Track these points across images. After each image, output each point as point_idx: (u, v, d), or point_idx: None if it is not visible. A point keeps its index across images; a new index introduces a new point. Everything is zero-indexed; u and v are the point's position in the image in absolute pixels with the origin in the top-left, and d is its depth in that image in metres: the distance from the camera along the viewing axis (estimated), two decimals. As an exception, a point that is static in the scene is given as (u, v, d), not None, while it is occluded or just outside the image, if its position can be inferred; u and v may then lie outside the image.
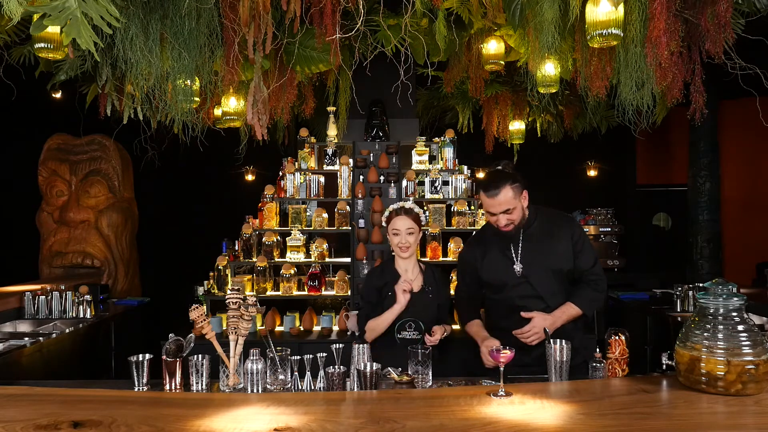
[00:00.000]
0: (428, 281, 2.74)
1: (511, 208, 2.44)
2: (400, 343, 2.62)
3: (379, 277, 2.75)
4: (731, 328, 1.79)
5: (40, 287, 4.46)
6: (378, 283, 2.73)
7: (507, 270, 2.55)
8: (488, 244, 2.62)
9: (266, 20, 2.70)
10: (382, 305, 2.67)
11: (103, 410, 1.75)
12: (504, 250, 2.57)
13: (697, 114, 2.99)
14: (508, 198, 2.43)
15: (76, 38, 1.85)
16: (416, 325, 2.65)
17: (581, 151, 8.07)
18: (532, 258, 2.53)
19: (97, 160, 5.81)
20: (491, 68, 3.70)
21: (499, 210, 2.44)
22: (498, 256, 2.58)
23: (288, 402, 1.85)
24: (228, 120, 3.82)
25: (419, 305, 2.67)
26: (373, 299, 2.71)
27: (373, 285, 2.74)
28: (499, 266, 2.57)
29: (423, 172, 4.66)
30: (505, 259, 2.56)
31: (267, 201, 4.48)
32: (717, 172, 6.97)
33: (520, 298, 2.53)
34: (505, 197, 2.42)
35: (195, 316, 2.20)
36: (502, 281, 2.56)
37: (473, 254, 2.67)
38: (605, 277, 2.62)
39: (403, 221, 2.67)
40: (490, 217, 2.51)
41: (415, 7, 2.56)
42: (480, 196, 2.51)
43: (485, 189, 2.46)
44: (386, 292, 2.68)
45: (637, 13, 2.59)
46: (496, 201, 2.43)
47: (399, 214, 2.69)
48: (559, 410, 1.72)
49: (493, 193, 2.43)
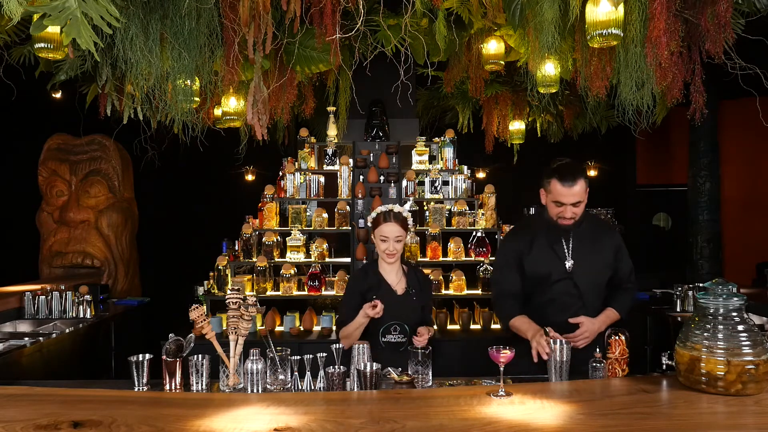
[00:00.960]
0: (412, 284, 2.67)
1: (581, 201, 2.45)
2: (385, 346, 2.57)
3: (363, 282, 2.66)
4: (731, 328, 1.79)
5: (40, 287, 4.46)
6: (361, 287, 2.64)
7: (554, 264, 2.53)
8: (536, 236, 2.59)
9: (266, 20, 2.70)
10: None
11: (103, 410, 1.75)
12: (553, 244, 2.55)
13: (697, 114, 2.99)
14: (581, 191, 2.43)
15: (76, 38, 1.85)
16: (401, 328, 2.59)
17: (581, 151, 8.05)
18: (581, 256, 2.54)
19: (97, 160, 5.80)
20: (491, 68, 3.70)
21: (571, 201, 2.43)
22: (546, 249, 2.55)
23: (288, 402, 1.85)
24: (228, 120, 3.82)
25: (404, 308, 2.62)
26: (355, 304, 2.59)
27: (356, 290, 2.65)
28: (547, 259, 2.54)
29: (423, 172, 4.66)
30: (554, 253, 2.54)
31: (267, 201, 4.48)
32: (717, 172, 6.98)
33: (560, 294, 2.53)
34: (579, 189, 2.42)
35: (195, 316, 2.20)
36: (547, 275, 2.53)
37: (521, 244, 2.60)
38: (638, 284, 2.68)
39: (392, 228, 2.57)
40: (557, 207, 2.47)
41: (415, 7, 2.56)
42: (551, 183, 2.45)
43: (562, 178, 2.42)
44: (370, 297, 2.58)
45: (637, 13, 2.60)
46: (572, 191, 2.41)
47: (388, 220, 2.58)
48: (559, 410, 1.72)
49: (570, 183, 2.41)
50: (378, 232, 2.60)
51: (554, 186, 2.45)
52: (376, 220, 2.63)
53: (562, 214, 2.47)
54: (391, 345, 2.57)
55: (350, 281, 2.77)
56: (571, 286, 2.53)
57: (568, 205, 2.44)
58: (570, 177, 2.41)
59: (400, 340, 2.59)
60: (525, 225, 2.77)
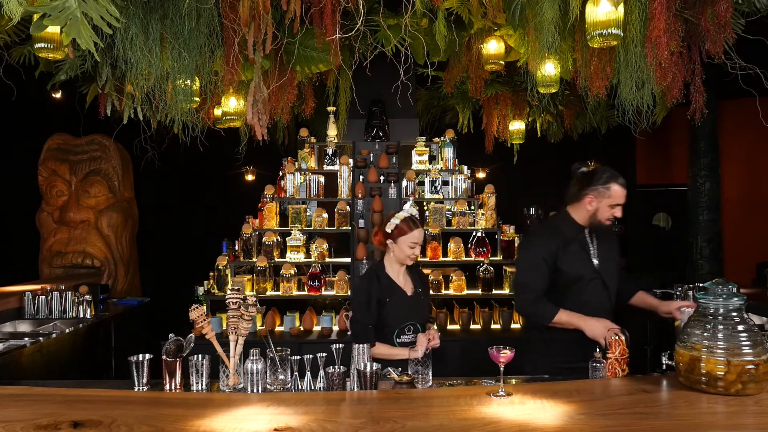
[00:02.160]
0: (416, 282, 2.75)
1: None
2: (399, 347, 2.60)
3: (377, 286, 2.66)
4: (731, 328, 1.79)
5: (40, 287, 4.46)
6: (378, 292, 2.64)
7: (585, 263, 2.64)
8: (566, 238, 2.67)
9: (266, 20, 2.70)
10: (381, 314, 2.61)
11: (103, 410, 1.75)
12: (582, 243, 2.67)
13: (697, 114, 3.00)
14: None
15: (76, 38, 1.85)
16: (414, 327, 2.65)
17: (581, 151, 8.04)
18: (604, 254, 2.67)
19: (97, 160, 5.81)
20: (491, 68, 3.70)
21: (623, 201, 2.59)
22: (578, 249, 2.65)
23: (288, 402, 1.85)
24: (228, 120, 3.82)
25: (415, 308, 2.68)
26: (372, 308, 2.61)
27: (372, 293, 2.64)
28: (578, 259, 2.64)
29: (423, 172, 4.66)
30: (584, 252, 2.65)
31: (267, 201, 4.48)
32: (717, 172, 6.97)
33: (593, 294, 2.62)
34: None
35: (195, 316, 2.20)
36: (579, 275, 2.62)
37: (552, 247, 2.64)
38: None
39: (420, 233, 2.65)
40: (612, 209, 2.60)
41: (415, 7, 2.56)
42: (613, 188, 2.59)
43: (621, 182, 2.61)
44: (384, 300, 2.62)
45: (637, 13, 2.60)
46: (624, 193, 2.60)
47: (416, 226, 2.63)
48: (559, 410, 1.72)
49: (625, 184, 2.61)
50: (407, 239, 2.63)
51: (616, 190, 2.59)
52: (400, 229, 2.63)
53: (613, 214, 2.61)
54: (405, 345, 2.59)
55: (363, 284, 2.73)
56: (599, 284, 2.63)
57: (617, 206, 2.60)
58: (623, 178, 2.62)
59: (413, 339, 2.62)
60: (553, 228, 2.78)
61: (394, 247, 2.67)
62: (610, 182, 2.59)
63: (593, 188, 2.61)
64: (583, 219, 2.65)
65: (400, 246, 2.65)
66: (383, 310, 2.62)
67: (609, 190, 2.58)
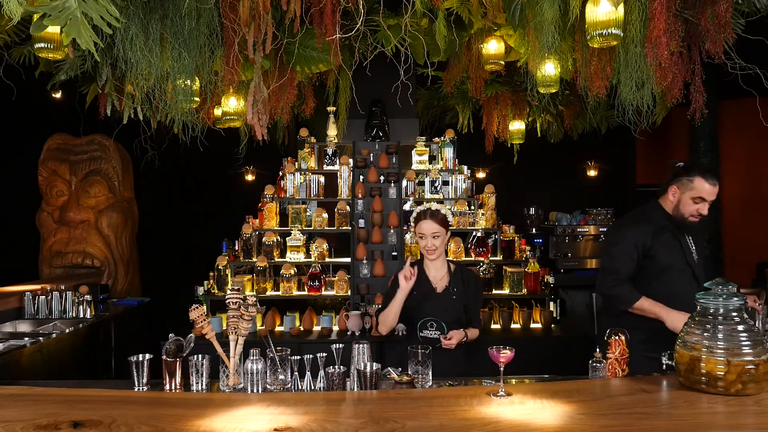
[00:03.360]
0: (455, 282, 2.74)
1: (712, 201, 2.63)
2: (422, 341, 2.63)
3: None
4: (731, 328, 1.79)
5: (40, 287, 4.46)
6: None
7: (677, 253, 2.68)
8: (659, 225, 2.72)
9: (266, 20, 2.70)
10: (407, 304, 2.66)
11: (103, 410, 1.75)
12: (678, 237, 2.71)
13: (697, 114, 3.00)
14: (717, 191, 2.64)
15: (76, 38, 1.85)
16: (437, 324, 2.66)
17: (581, 151, 8.06)
18: (699, 250, 2.74)
19: (97, 160, 5.80)
20: (491, 68, 3.70)
21: (712, 198, 2.62)
22: (671, 238, 2.70)
23: (288, 402, 1.85)
24: (228, 120, 3.81)
25: (441, 305, 2.69)
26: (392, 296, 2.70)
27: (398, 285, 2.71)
28: (670, 248, 2.68)
29: (423, 172, 4.66)
30: (679, 245, 2.69)
31: (267, 201, 4.48)
32: (717, 172, 6.96)
33: (682, 286, 2.63)
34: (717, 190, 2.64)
35: (195, 316, 2.20)
36: (670, 263, 2.67)
37: (644, 235, 2.70)
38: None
39: (429, 225, 2.67)
40: (696, 203, 2.63)
41: (415, 7, 2.56)
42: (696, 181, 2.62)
43: (708, 177, 2.62)
44: (411, 292, 2.66)
45: (637, 13, 2.59)
46: (714, 190, 2.62)
47: (425, 218, 2.68)
48: (559, 410, 1.72)
49: (715, 182, 2.62)
50: (417, 230, 2.73)
51: (700, 183, 2.62)
52: (416, 219, 2.74)
53: (699, 210, 2.64)
54: (428, 340, 2.62)
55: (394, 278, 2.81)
56: (690, 276, 2.66)
57: (707, 202, 2.62)
58: (715, 177, 2.63)
59: (435, 336, 2.65)
60: (643, 216, 2.83)
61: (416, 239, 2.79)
62: (695, 175, 2.63)
63: (678, 179, 2.67)
64: (670, 211, 2.71)
65: (417, 237, 2.77)
66: (409, 300, 2.67)
67: (692, 182, 2.63)
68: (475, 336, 2.72)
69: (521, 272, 4.38)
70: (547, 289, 4.42)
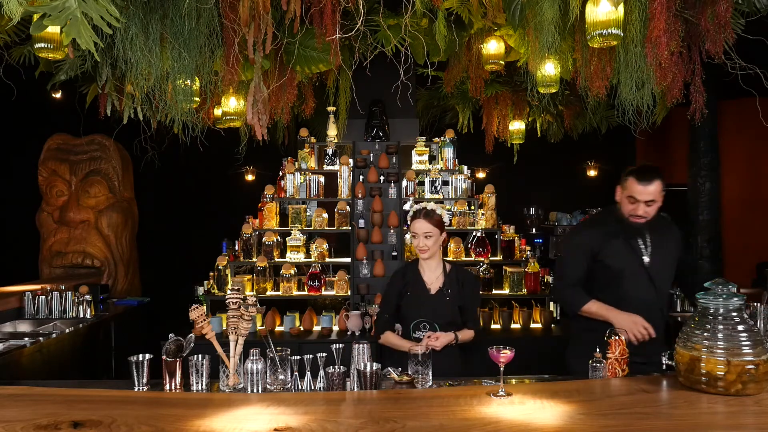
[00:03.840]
0: (449, 283, 2.72)
1: (654, 201, 2.57)
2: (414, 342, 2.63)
3: (402, 278, 2.77)
4: (731, 328, 1.79)
5: (40, 287, 4.46)
6: (399, 284, 2.76)
7: (630, 259, 2.63)
8: (611, 231, 2.69)
9: (266, 20, 2.70)
10: (400, 304, 2.71)
11: (103, 410, 1.75)
12: (628, 239, 2.65)
13: (697, 114, 2.99)
14: (656, 190, 2.56)
15: (76, 38, 1.85)
16: (430, 326, 2.65)
17: (581, 151, 8.07)
18: (657, 252, 2.64)
19: (97, 160, 5.80)
20: (491, 68, 3.70)
21: (645, 199, 2.55)
22: (623, 244, 2.65)
23: (288, 402, 1.85)
24: (228, 120, 3.81)
25: (434, 307, 2.67)
26: (392, 301, 2.74)
27: (395, 288, 2.76)
28: (623, 253, 2.64)
29: (423, 172, 4.66)
30: (630, 248, 2.64)
31: (267, 201, 4.48)
32: (717, 172, 6.97)
33: (633, 287, 2.61)
34: (656, 188, 2.55)
35: (195, 316, 2.20)
36: (621, 268, 2.63)
37: (593, 239, 2.71)
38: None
39: (421, 225, 2.66)
40: (630, 204, 2.59)
41: (415, 7, 2.56)
42: (629, 181, 2.59)
43: (639, 177, 2.57)
44: (405, 292, 2.71)
45: (637, 13, 2.59)
46: (647, 190, 2.55)
47: (418, 217, 2.68)
48: (559, 410, 1.72)
49: (646, 183, 2.55)
50: (411, 229, 2.73)
51: (632, 184, 2.58)
52: (411, 218, 2.75)
53: (635, 212, 2.59)
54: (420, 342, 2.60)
55: (391, 279, 2.86)
56: (646, 280, 2.61)
57: (641, 202, 2.55)
58: (647, 176, 2.56)
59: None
60: (597, 221, 2.87)
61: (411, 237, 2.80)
62: (629, 174, 2.60)
63: (622, 179, 2.64)
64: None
65: (411, 237, 2.77)
66: (402, 300, 2.71)
67: (627, 181, 2.60)
68: (469, 337, 2.69)
69: (521, 272, 4.38)
70: (547, 289, 4.42)
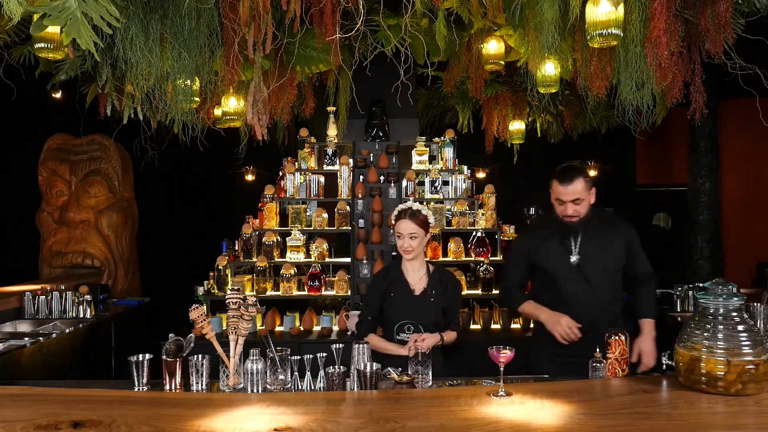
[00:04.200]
0: (432, 284, 2.69)
1: (581, 199, 2.59)
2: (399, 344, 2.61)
3: (383, 280, 2.71)
4: (731, 328, 1.79)
5: (40, 287, 4.46)
6: (382, 285, 2.70)
7: (562, 259, 2.66)
8: (546, 233, 2.74)
9: (266, 20, 2.70)
10: (383, 306, 2.66)
11: (103, 410, 1.75)
12: (562, 240, 2.68)
13: (697, 114, 2.99)
14: (579, 189, 2.58)
15: (76, 38, 1.85)
16: (415, 327, 2.62)
17: (581, 151, 8.03)
18: (589, 251, 2.66)
19: (97, 160, 5.81)
20: (491, 68, 3.70)
21: (569, 198, 2.59)
22: (555, 245, 2.69)
23: (288, 402, 1.85)
24: (228, 120, 3.81)
25: (419, 308, 2.64)
26: (375, 305, 2.68)
27: (377, 288, 2.71)
28: (556, 254, 2.67)
29: (423, 172, 4.66)
30: (563, 248, 2.67)
31: (267, 201, 4.47)
32: (717, 172, 6.97)
33: (569, 287, 2.63)
34: (576, 188, 2.58)
35: (195, 316, 2.20)
36: (554, 269, 2.66)
37: (528, 241, 2.81)
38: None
39: (406, 225, 2.62)
40: (559, 205, 2.64)
41: (415, 7, 2.56)
42: (552, 183, 2.64)
43: (560, 178, 2.61)
44: (388, 293, 2.65)
45: (637, 13, 2.59)
46: (568, 190, 2.58)
47: (403, 218, 2.63)
48: (559, 410, 1.72)
49: (566, 183, 2.59)
50: (395, 229, 2.69)
51: (555, 186, 2.63)
52: (396, 218, 2.70)
53: (564, 212, 2.62)
54: (404, 343, 2.58)
55: (372, 280, 2.85)
56: (581, 280, 2.62)
57: (568, 202, 2.59)
58: (567, 176, 2.59)
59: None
60: (537, 223, 2.98)
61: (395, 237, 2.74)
62: (552, 178, 2.65)
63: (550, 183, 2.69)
64: None
65: (395, 237, 2.71)
66: (386, 302, 2.66)
67: (551, 184, 2.65)
68: (452, 339, 2.68)
69: (521, 272, 4.37)
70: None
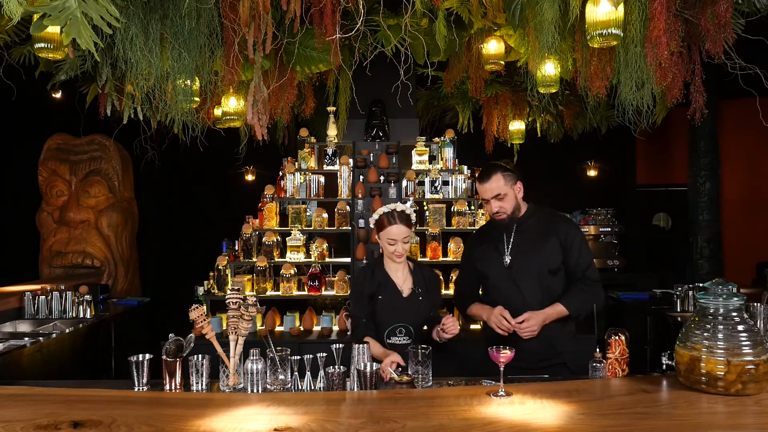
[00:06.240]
0: (418, 282, 2.65)
1: (502, 194, 2.58)
2: (390, 348, 2.55)
3: (369, 282, 2.64)
4: (731, 328, 1.79)
5: (40, 287, 4.46)
6: (369, 288, 2.63)
7: (494, 260, 2.67)
8: (484, 237, 2.77)
9: (266, 20, 2.70)
10: (374, 309, 2.61)
11: (103, 410, 1.75)
12: (495, 241, 2.68)
13: (697, 114, 2.99)
14: (498, 185, 2.57)
15: (76, 38, 1.85)
16: (406, 330, 2.60)
17: (581, 151, 8.06)
18: (519, 251, 2.63)
19: (97, 160, 5.81)
20: (491, 68, 3.70)
21: (490, 195, 2.58)
22: (489, 247, 2.71)
23: (288, 402, 1.85)
24: (228, 120, 3.81)
25: (410, 310, 2.61)
26: (366, 303, 2.61)
27: (363, 291, 2.63)
28: (488, 256, 2.70)
29: (423, 172, 4.66)
30: (495, 250, 2.68)
31: (267, 201, 4.47)
32: (717, 172, 6.97)
33: (501, 289, 2.63)
34: (494, 183, 2.57)
35: (195, 316, 2.20)
36: (487, 271, 2.69)
37: (471, 245, 2.84)
38: (600, 281, 2.64)
39: (399, 229, 2.53)
40: (485, 205, 2.65)
41: (415, 7, 2.56)
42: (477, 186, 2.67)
43: (479, 178, 2.64)
44: (377, 296, 2.60)
45: (637, 13, 2.59)
46: (487, 187, 2.59)
47: (393, 222, 2.53)
48: (559, 410, 1.72)
49: (485, 180, 2.60)
50: (385, 235, 2.56)
51: (478, 186, 2.66)
52: (380, 222, 2.57)
53: (490, 210, 2.63)
54: (397, 347, 2.54)
55: (354, 283, 2.74)
56: (510, 281, 2.61)
57: (491, 200, 2.59)
58: (484, 174, 2.61)
59: (405, 341, 2.59)
60: (482, 227, 3.01)
61: (380, 242, 2.64)
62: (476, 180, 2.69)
63: None
64: None
65: (382, 241, 2.61)
66: (375, 306, 2.60)
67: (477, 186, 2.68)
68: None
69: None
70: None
